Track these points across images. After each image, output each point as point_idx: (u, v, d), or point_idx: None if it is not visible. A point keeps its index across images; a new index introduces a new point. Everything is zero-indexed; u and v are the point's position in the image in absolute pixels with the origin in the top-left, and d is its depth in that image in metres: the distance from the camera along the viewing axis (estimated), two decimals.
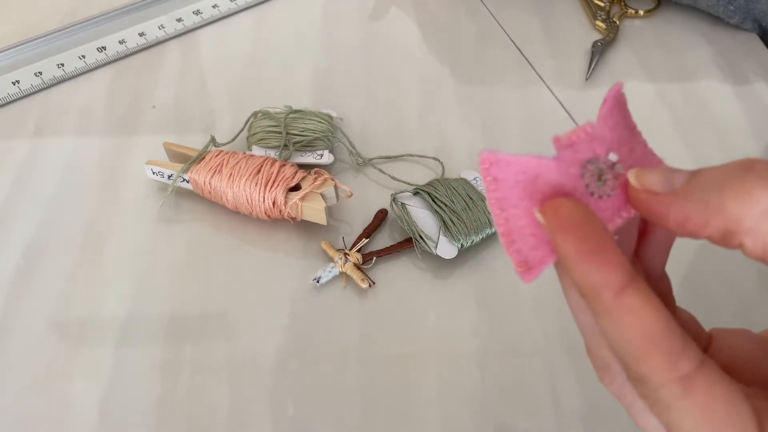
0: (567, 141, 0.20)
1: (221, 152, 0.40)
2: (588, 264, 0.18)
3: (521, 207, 0.20)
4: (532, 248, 0.20)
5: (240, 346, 0.35)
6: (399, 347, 0.35)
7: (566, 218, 0.19)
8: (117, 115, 0.47)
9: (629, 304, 0.18)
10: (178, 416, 0.33)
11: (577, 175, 0.20)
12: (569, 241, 0.19)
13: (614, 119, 0.20)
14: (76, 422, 0.32)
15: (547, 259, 0.20)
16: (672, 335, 0.18)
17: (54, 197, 0.42)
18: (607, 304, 0.18)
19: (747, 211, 0.17)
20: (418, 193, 0.39)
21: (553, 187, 0.20)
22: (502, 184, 0.20)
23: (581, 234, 0.19)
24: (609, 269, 0.18)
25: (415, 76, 0.49)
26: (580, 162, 0.20)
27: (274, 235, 0.39)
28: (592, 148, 0.20)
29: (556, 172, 0.20)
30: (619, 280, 0.18)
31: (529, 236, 0.20)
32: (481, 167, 0.20)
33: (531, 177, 0.20)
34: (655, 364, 0.18)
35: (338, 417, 0.33)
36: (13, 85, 0.48)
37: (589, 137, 0.20)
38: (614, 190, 0.20)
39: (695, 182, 0.18)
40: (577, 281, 0.19)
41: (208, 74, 0.49)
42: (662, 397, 0.18)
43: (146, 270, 0.38)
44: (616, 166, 0.20)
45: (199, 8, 0.54)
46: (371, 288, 0.37)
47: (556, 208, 0.19)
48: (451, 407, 0.33)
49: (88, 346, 0.35)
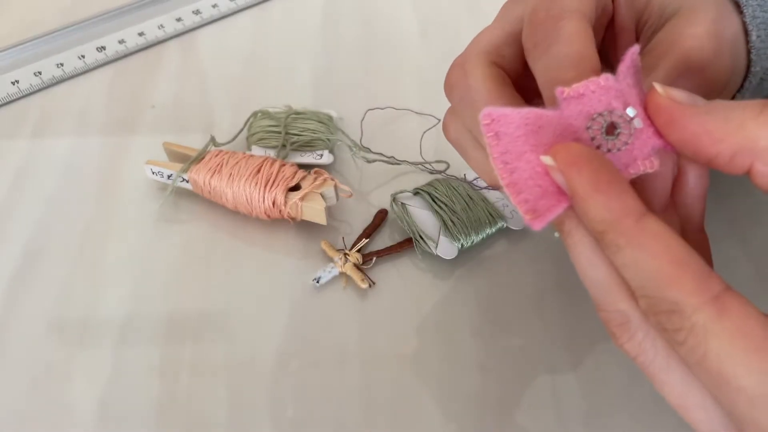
0: (574, 92, 0.20)
1: (221, 152, 0.40)
2: (605, 193, 0.18)
3: (525, 158, 0.20)
4: (539, 197, 0.20)
5: (239, 347, 0.35)
6: (399, 347, 0.35)
7: (577, 155, 0.19)
8: (116, 115, 0.47)
9: (653, 229, 0.18)
10: (178, 416, 0.32)
11: (581, 127, 0.20)
12: (584, 174, 0.19)
13: (632, 78, 0.20)
14: (75, 423, 0.32)
15: (556, 207, 0.20)
16: (697, 259, 0.18)
17: (53, 197, 0.42)
18: (630, 231, 0.18)
19: (764, 132, 0.18)
20: (418, 193, 0.39)
21: (556, 138, 0.20)
22: (503, 138, 0.20)
23: (595, 166, 0.19)
24: (627, 197, 0.18)
25: (415, 76, 0.49)
26: (588, 114, 0.20)
27: (274, 235, 0.39)
28: (607, 101, 0.20)
29: (559, 124, 0.20)
30: (638, 206, 0.18)
31: (535, 187, 0.20)
32: (483, 124, 0.20)
33: (533, 128, 0.20)
34: (688, 286, 0.18)
35: (338, 417, 0.32)
36: (12, 84, 0.48)
37: (603, 90, 0.20)
38: (625, 146, 0.20)
39: (717, 103, 0.19)
40: (593, 216, 0.19)
41: (207, 74, 0.49)
42: (698, 322, 0.17)
43: (145, 270, 0.38)
44: (633, 122, 0.20)
45: (199, 8, 0.53)
46: (371, 288, 0.37)
47: (566, 149, 0.19)
48: (451, 407, 0.33)
49: (87, 347, 0.35)
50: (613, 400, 0.33)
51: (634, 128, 0.20)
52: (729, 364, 0.17)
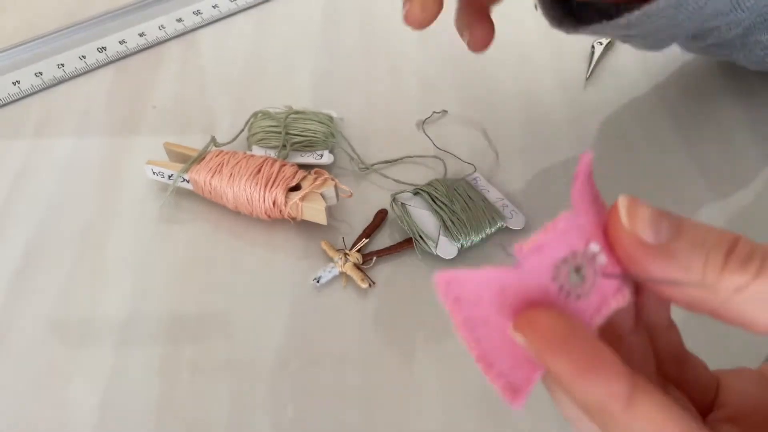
0: (533, 245, 0.18)
1: (221, 152, 0.40)
2: (588, 381, 0.17)
3: (491, 324, 0.18)
4: (513, 368, 0.18)
5: (240, 346, 0.35)
6: (399, 347, 0.35)
7: (548, 334, 0.17)
8: (117, 116, 0.47)
9: (643, 412, 0.17)
10: (178, 416, 0.33)
11: (547, 279, 0.18)
12: (561, 362, 0.17)
13: (588, 198, 0.18)
14: (75, 422, 0.32)
15: (533, 376, 0.18)
16: (692, 428, 0.17)
17: (54, 197, 0.42)
18: (619, 417, 0.17)
19: (725, 286, 0.17)
20: (418, 193, 0.39)
21: (522, 297, 0.18)
22: (465, 304, 0.18)
23: (571, 350, 0.17)
24: (611, 381, 0.17)
25: (415, 77, 0.49)
26: (552, 264, 0.18)
27: (274, 235, 0.39)
28: (568, 243, 0.18)
29: (522, 281, 0.18)
30: (624, 388, 0.17)
31: (506, 355, 0.18)
32: (438, 289, 0.18)
33: (495, 291, 0.18)
34: None
35: (338, 417, 0.32)
36: (13, 85, 0.48)
37: (562, 234, 0.18)
38: (593, 287, 0.18)
39: (681, 242, 0.18)
40: (578, 399, 0.17)
41: (208, 74, 0.50)
42: None
43: (146, 270, 0.38)
44: (597, 257, 0.18)
45: (200, 8, 0.54)
46: (371, 288, 0.37)
47: (533, 322, 0.17)
48: (451, 407, 0.33)
49: (87, 347, 0.35)
50: None
51: (598, 265, 0.18)
52: None
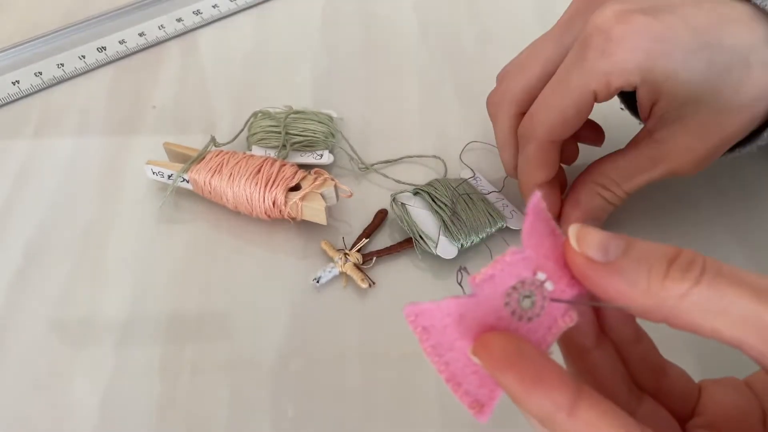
0: (485, 276, 0.20)
1: (221, 152, 0.40)
2: (533, 395, 0.18)
3: (456, 349, 0.20)
4: (478, 386, 0.20)
5: (240, 346, 0.35)
6: (399, 347, 0.35)
7: (499, 355, 0.19)
8: (117, 115, 0.47)
9: (585, 419, 0.18)
10: (178, 416, 0.33)
11: (500, 305, 0.20)
12: (509, 378, 0.19)
13: (538, 233, 0.21)
14: (76, 422, 0.32)
15: (495, 393, 0.20)
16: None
17: (54, 197, 0.42)
18: (565, 426, 0.18)
19: (670, 294, 0.19)
20: (418, 193, 0.39)
21: (479, 321, 0.20)
22: (432, 331, 0.20)
23: (518, 368, 0.19)
24: (554, 393, 0.18)
25: (415, 77, 0.49)
26: (502, 291, 0.20)
27: (274, 235, 0.39)
28: (516, 273, 0.20)
29: (478, 308, 0.20)
30: (567, 398, 0.18)
31: (471, 375, 0.20)
32: (408, 320, 0.20)
33: (456, 318, 0.20)
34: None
35: (338, 417, 0.32)
36: (13, 85, 0.48)
37: (509, 265, 0.20)
38: (543, 310, 0.21)
39: (627, 259, 0.20)
40: (529, 411, 0.19)
41: (208, 74, 0.50)
42: None
43: (146, 270, 0.38)
44: (545, 284, 0.21)
45: (199, 8, 0.54)
46: (371, 288, 0.37)
47: (486, 346, 0.19)
48: (452, 407, 0.33)
49: (88, 347, 0.35)
50: None
51: (546, 291, 0.21)
52: None
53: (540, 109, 0.33)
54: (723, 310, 0.18)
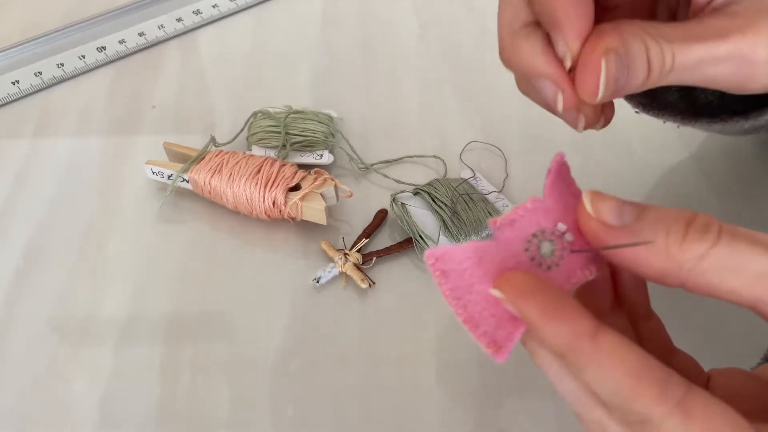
0: (505, 220, 0.21)
1: (221, 152, 0.40)
2: (556, 320, 0.19)
3: (474, 291, 0.21)
4: (496, 328, 0.20)
5: (240, 346, 0.35)
6: (399, 347, 0.35)
7: (521, 286, 0.20)
8: (117, 115, 0.47)
9: (607, 346, 0.19)
10: (178, 416, 0.33)
11: (520, 250, 0.21)
12: (532, 306, 0.19)
13: (559, 189, 0.21)
14: (76, 422, 0.32)
15: (514, 334, 0.20)
16: (654, 366, 0.19)
17: (54, 197, 0.42)
18: (587, 351, 0.19)
19: (687, 256, 0.19)
20: (418, 193, 0.39)
21: (498, 265, 0.21)
22: (451, 275, 0.21)
23: (540, 296, 0.19)
24: (577, 319, 0.19)
25: (415, 76, 0.49)
26: (523, 237, 0.21)
27: (274, 235, 0.39)
28: (537, 221, 0.21)
29: (497, 251, 0.21)
30: (589, 326, 0.19)
31: (490, 317, 0.20)
32: (428, 264, 0.21)
33: (476, 260, 0.21)
34: (651, 395, 0.18)
35: (338, 417, 0.32)
36: (12, 84, 0.48)
37: (530, 213, 0.21)
38: (562, 260, 0.21)
39: (643, 222, 0.20)
40: (550, 342, 0.19)
41: (208, 74, 0.49)
42: (667, 430, 0.18)
43: (146, 270, 0.38)
44: (565, 236, 0.21)
45: (199, 8, 0.54)
46: (371, 288, 0.37)
47: (509, 279, 0.20)
48: (452, 408, 0.33)
49: (88, 346, 0.35)
50: None
51: (567, 242, 0.21)
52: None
53: None
54: (740, 269, 0.19)
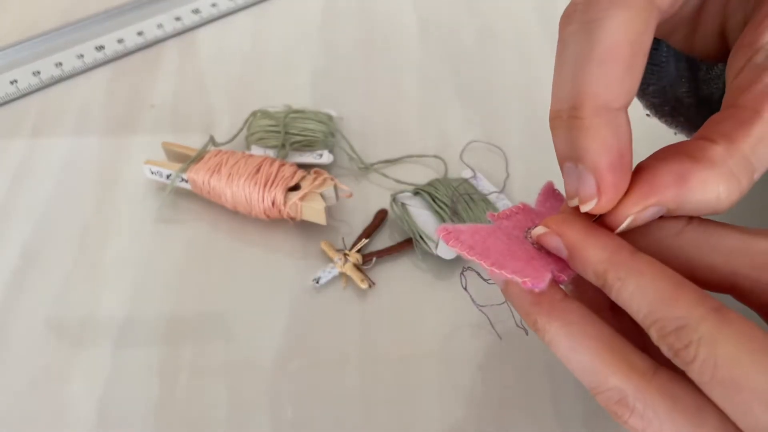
0: (502, 215, 0.24)
1: (220, 152, 0.40)
2: (598, 237, 0.20)
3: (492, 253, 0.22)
4: (522, 268, 0.22)
5: (239, 347, 0.35)
6: (399, 348, 0.35)
7: (562, 219, 0.22)
8: (115, 115, 0.47)
9: (647, 259, 0.20)
10: (177, 417, 0.32)
11: (520, 235, 0.23)
12: (576, 228, 0.21)
13: (548, 204, 0.25)
14: (74, 423, 0.32)
15: (540, 278, 0.21)
16: (690, 282, 0.19)
17: (52, 197, 0.42)
18: (629, 262, 0.20)
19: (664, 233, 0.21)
20: (418, 193, 0.39)
21: (503, 239, 0.23)
22: (465, 241, 0.23)
23: (580, 222, 0.21)
24: (617, 237, 0.20)
25: (415, 76, 0.49)
26: (522, 228, 0.24)
27: (273, 236, 0.39)
28: (531, 219, 0.24)
29: (501, 233, 0.23)
30: (628, 244, 0.20)
31: (515, 263, 0.22)
32: (441, 236, 0.23)
33: (483, 236, 0.23)
34: (690, 299, 0.19)
35: (338, 419, 0.32)
36: (11, 84, 0.48)
37: (523, 212, 0.24)
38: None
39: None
40: (593, 259, 0.20)
41: (207, 73, 0.49)
42: (705, 332, 0.18)
43: (145, 270, 0.38)
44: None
45: (198, 7, 0.53)
46: (371, 288, 0.37)
47: (551, 218, 0.22)
48: (452, 408, 0.33)
49: (86, 347, 0.35)
50: None
51: None
52: (739, 368, 0.17)
53: None
54: (715, 246, 0.20)
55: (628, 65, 0.19)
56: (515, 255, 0.22)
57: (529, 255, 0.22)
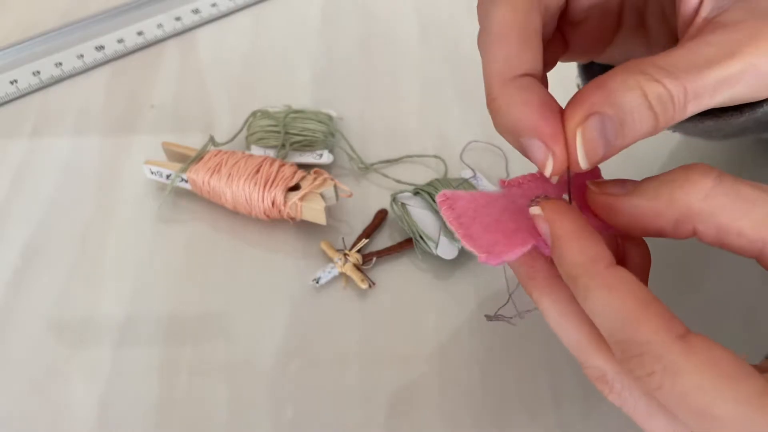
0: (513, 181, 0.24)
1: (220, 152, 0.40)
2: (582, 240, 0.20)
3: (477, 221, 0.23)
4: (492, 244, 0.22)
5: (239, 347, 0.35)
6: (399, 348, 0.35)
7: (559, 207, 0.22)
8: (115, 115, 0.47)
9: (620, 275, 0.20)
10: (177, 417, 0.32)
11: (524, 204, 0.23)
12: (565, 223, 0.21)
13: (577, 180, 0.24)
14: (74, 423, 0.32)
15: (508, 252, 0.22)
16: (661, 303, 0.19)
17: (52, 197, 0.42)
18: (600, 274, 0.20)
19: (693, 197, 0.20)
20: (418, 193, 0.39)
21: (503, 212, 0.23)
22: (457, 209, 0.23)
23: (573, 217, 0.21)
24: (600, 246, 0.20)
25: (414, 76, 0.49)
26: (528, 196, 0.24)
27: (273, 236, 0.39)
28: (544, 188, 0.24)
29: (505, 201, 0.24)
30: (609, 255, 0.20)
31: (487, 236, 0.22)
32: (438, 201, 0.23)
33: (482, 204, 0.23)
34: (654, 324, 0.19)
35: (338, 418, 0.32)
36: (11, 84, 0.48)
37: (538, 180, 0.24)
38: None
39: (646, 183, 0.21)
40: (569, 259, 0.20)
41: (207, 73, 0.49)
42: (669, 361, 0.18)
43: (145, 270, 0.38)
44: None
45: (198, 7, 0.53)
46: (371, 288, 0.37)
47: (552, 203, 0.22)
48: (451, 407, 0.33)
49: (86, 347, 0.35)
50: None
51: None
52: (705, 396, 0.18)
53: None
54: (746, 210, 0.20)
55: (520, 42, 0.22)
56: (500, 227, 0.22)
57: (518, 226, 0.23)
